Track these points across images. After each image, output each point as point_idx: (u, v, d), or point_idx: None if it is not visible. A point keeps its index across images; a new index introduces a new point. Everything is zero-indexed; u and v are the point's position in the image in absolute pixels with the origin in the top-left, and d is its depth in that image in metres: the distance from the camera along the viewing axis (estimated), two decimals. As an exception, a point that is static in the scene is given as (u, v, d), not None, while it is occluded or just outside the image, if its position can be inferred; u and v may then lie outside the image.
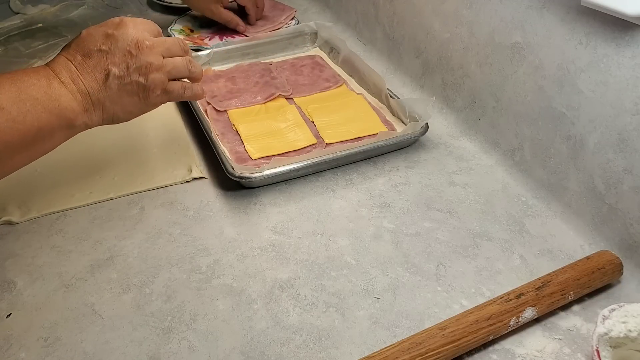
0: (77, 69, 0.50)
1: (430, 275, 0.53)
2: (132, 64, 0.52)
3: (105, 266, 0.54)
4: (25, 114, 0.45)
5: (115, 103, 0.52)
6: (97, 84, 0.51)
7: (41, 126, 0.46)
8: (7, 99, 0.44)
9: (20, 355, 0.46)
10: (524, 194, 0.62)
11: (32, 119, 0.45)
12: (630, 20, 0.49)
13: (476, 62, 0.69)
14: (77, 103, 0.49)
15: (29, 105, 0.45)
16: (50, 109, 0.47)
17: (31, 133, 0.45)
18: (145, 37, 0.53)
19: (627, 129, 0.51)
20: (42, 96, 0.46)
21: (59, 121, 0.48)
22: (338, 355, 0.46)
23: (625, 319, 0.41)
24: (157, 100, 0.55)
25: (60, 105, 0.48)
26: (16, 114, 0.44)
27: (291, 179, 0.65)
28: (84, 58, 0.51)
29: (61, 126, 0.48)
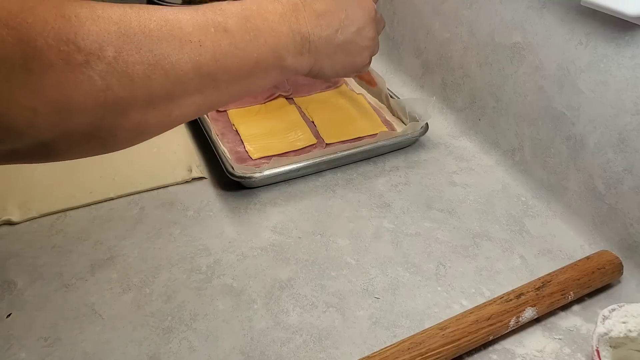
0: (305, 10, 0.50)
1: (430, 275, 0.53)
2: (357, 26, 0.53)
3: (105, 266, 0.54)
4: (247, 42, 0.44)
5: (328, 56, 0.52)
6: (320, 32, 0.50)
7: (259, 59, 0.45)
8: (233, 24, 0.43)
9: (20, 355, 0.46)
10: (524, 194, 0.62)
11: (252, 49, 0.44)
12: (630, 20, 0.49)
13: (476, 62, 0.69)
14: (294, 45, 0.48)
15: (252, 35, 0.44)
16: (270, 45, 0.46)
17: (249, 63, 0.44)
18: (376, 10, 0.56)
19: (627, 129, 0.51)
20: (266, 29, 0.46)
21: (275, 59, 0.47)
22: (338, 355, 0.46)
23: (625, 319, 0.41)
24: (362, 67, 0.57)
25: (279, 43, 0.47)
26: (239, 41, 0.43)
27: (291, 179, 0.65)
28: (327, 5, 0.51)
29: (275, 65, 0.47)
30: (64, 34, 0.33)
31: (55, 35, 0.32)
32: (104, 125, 0.36)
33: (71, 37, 0.33)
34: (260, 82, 0.47)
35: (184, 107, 0.41)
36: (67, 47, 0.33)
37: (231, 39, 0.42)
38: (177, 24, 0.39)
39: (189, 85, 0.40)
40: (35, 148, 0.35)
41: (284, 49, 0.47)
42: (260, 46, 0.45)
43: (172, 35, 0.38)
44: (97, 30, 0.34)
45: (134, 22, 0.36)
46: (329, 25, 0.51)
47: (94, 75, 0.34)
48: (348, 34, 0.52)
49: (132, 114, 0.37)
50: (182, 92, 0.40)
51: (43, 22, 0.32)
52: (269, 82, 0.49)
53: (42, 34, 0.32)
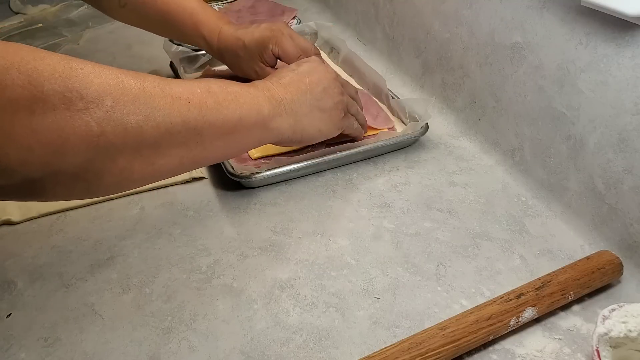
0: (273, 84, 0.56)
1: (430, 275, 0.53)
2: (323, 86, 0.59)
3: (105, 266, 0.54)
4: (230, 102, 0.48)
5: (305, 116, 0.57)
6: (291, 97, 0.56)
7: (242, 117, 0.49)
8: (216, 87, 0.48)
9: (20, 355, 0.46)
10: (524, 194, 0.62)
11: (235, 107, 0.49)
12: (630, 20, 0.49)
13: (476, 62, 0.69)
14: (270, 106, 0.53)
15: (233, 96, 0.49)
16: (249, 104, 0.50)
17: (233, 120, 0.48)
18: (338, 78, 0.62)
19: (627, 129, 0.51)
20: (243, 92, 0.51)
21: (256, 117, 0.51)
22: (338, 355, 0.46)
23: (625, 319, 0.41)
24: (340, 122, 0.62)
25: (258, 103, 0.52)
26: (222, 100, 0.48)
27: (291, 179, 0.65)
28: (278, 76, 0.57)
29: (258, 123, 0.51)
30: (70, 82, 0.36)
31: (62, 82, 0.36)
32: (92, 168, 0.39)
33: (76, 85, 0.37)
34: (244, 140, 0.51)
35: (168, 158, 0.44)
36: (71, 94, 0.36)
37: (215, 98, 0.47)
38: (168, 85, 0.44)
39: (176, 137, 0.43)
40: (22, 185, 0.37)
41: (263, 108, 0.52)
42: (241, 105, 0.49)
43: (164, 92, 0.43)
44: (99, 82, 0.38)
45: (131, 79, 0.41)
46: (297, 90, 0.57)
47: (91, 121, 0.37)
48: (316, 93, 0.58)
49: (119, 160, 0.40)
50: (168, 144, 0.43)
51: (52, 71, 0.36)
52: (253, 141, 0.53)
53: (50, 81, 0.36)
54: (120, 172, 0.41)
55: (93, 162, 0.39)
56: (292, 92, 0.56)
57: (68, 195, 0.41)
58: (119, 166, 0.40)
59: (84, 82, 0.37)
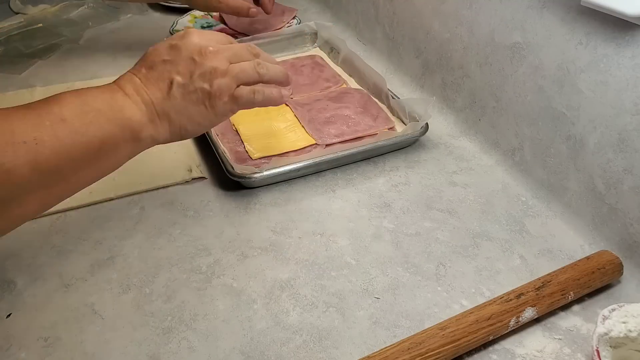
0: (141, 81, 0.49)
1: (430, 275, 0.53)
2: (196, 71, 0.50)
3: (105, 266, 0.54)
4: (88, 125, 0.43)
5: (181, 114, 0.50)
6: (161, 94, 0.49)
7: (104, 138, 0.44)
8: (70, 111, 0.43)
9: (20, 355, 0.46)
10: (524, 194, 0.62)
11: (95, 130, 0.43)
12: (630, 20, 0.49)
13: (476, 62, 0.69)
14: (141, 114, 0.48)
15: (92, 117, 0.44)
16: (113, 120, 0.45)
17: (94, 145, 0.44)
18: (210, 44, 0.51)
19: (627, 129, 0.51)
20: (105, 107, 0.45)
21: (123, 132, 0.46)
22: (338, 355, 0.46)
23: (625, 319, 0.41)
24: (224, 108, 0.52)
25: (123, 116, 0.46)
26: (79, 126, 0.42)
27: (291, 179, 0.65)
28: (148, 70, 0.50)
29: (125, 138, 0.47)
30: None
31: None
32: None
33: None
34: (113, 160, 0.47)
35: (26, 206, 0.40)
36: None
37: (70, 127, 0.42)
38: (8, 129, 0.38)
39: (30, 185, 0.39)
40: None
41: (131, 121, 0.47)
42: (102, 125, 0.44)
43: (3, 142, 0.38)
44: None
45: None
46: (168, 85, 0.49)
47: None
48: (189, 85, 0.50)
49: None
50: (22, 194, 0.39)
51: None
52: (125, 157, 0.48)
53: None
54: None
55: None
56: (162, 90, 0.49)
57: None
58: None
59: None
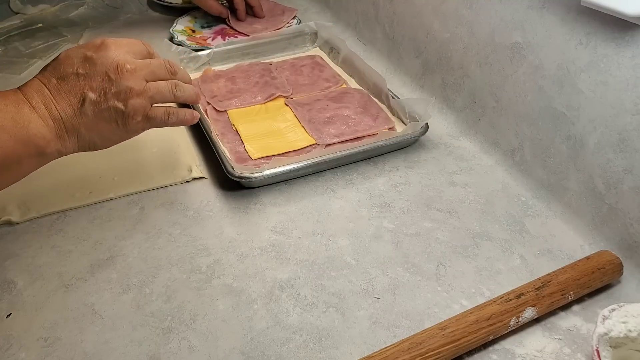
0: (51, 93, 0.47)
1: (430, 275, 0.53)
2: (111, 89, 0.48)
3: (105, 266, 0.54)
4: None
5: (91, 130, 0.49)
6: (72, 110, 0.48)
7: (6, 154, 0.44)
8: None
9: (20, 355, 0.46)
10: (524, 194, 0.62)
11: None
12: (630, 20, 0.49)
13: (476, 62, 0.69)
14: (48, 130, 0.46)
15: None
16: (16, 137, 0.44)
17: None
18: (127, 60, 0.49)
19: (627, 129, 0.51)
20: (8, 123, 0.44)
21: (26, 149, 0.45)
22: (338, 355, 0.46)
23: (625, 319, 0.41)
24: (137, 127, 0.52)
25: (28, 133, 0.45)
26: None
27: (291, 179, 0.65)
28: (59, 81, 0.48)
29: (30, 154, 0.46)
30: None
31: None
32: None
33: None
34: (16, 173, 0.46)
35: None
36: None
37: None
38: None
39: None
40: None
41: (36, 137, 0.46)
42: (5, 142, 0.43)
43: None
44: None
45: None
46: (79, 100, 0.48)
47: None
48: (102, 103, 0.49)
49: None
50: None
51: None
52: (29, 170, 0.47)
53: None
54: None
55: None
56: (73, 105, 0.48)
57: None
58: None
59: None
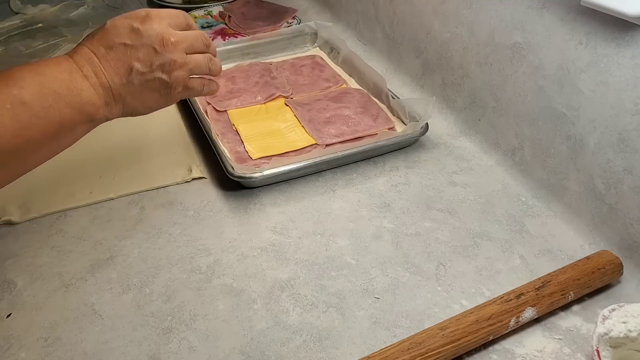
0: (100, 62, 0.49)
1: (430, 275, 0.53)
2: (156, 61, 0.51)
3: (105, 266, 0.54)
4: (47, 109, 0.44)
5: (136, 98, 0.52)
6: (120, 79, 0.50)
7: (63, 121, 0.45)
8: (30, 94, 0.43)
9: (20, 355, 0.46)
10: (524, 194, 0.62)
11: (54, 114, 0.44)
12: (630, 20, 0.49)
13: (476, 62, 0.69)
14: (98, 97, 0.48)
15: (51, 100, 0.44)
16: (72, 104, 0.46)
17: (53, 128, 0.45)
18: (171, 33, 0.52)
19: (627, 129, 0.51)
20: (64, 91, 0.45)
21: (80, 116, 0.47)
22: (338, 355, 0.46)
23: (625, 319, 0.41)
24: (177, 96, 0.55)
25: (81, 100, 0.47)
26: (38, 109, 0.43)
27: (291, 179, 0.65)
28: (107, 50, 0.50)
29: (82, 120, 0.47)
30: None
31: None
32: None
33: None
34: (70, 139, 0.48)
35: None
36: None
37: (30, 111, 0.43)
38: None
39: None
40: None
41: (88, 105, 0.47)
42: (61, 109, 0.45)
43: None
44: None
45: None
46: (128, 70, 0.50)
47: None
48: (148, 74, 0.51)
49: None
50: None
51: None
52: (80, 136, 0.49)
53: None
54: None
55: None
56: (122, 74, 0.50)
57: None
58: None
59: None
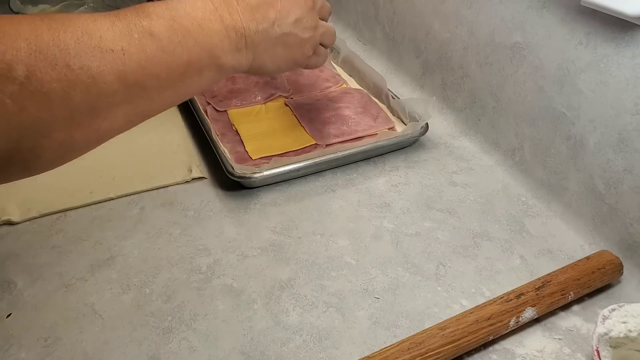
0: (239, 5, 0.47)
1: (430, 275, 0.53)
2: (295, 17, 0.51)
3: (105, 266, 0.54)
4: (176, 45, 0.41)
5: (267, 51, 0.50)
6: (256, 26, 0.48)
7: (191, 61, 0.43)
8: (159, 27, 0.40)
9: (20, 355, 0.46)
10: (524, 194, 0.62)
11: (182, 52, 0.42)
12: (630, 20, 0.49)
13: (476, 62, 0.69)
14: (229, 41, 0.46)
15: (180, 36, 0.41)
16: (201, 44, 0.43)
17: (180, 67, 0.42)
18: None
19: (627, 129, 0.51)
20: (195, 29, 0.43)
21: (209, 58, 0.44)
22: (338, 355, 0.46)
23: (625, 319, 0.41)
24: (304, 58, 0.54)
25: (211, 41, 0.44)
26: (167, 43, 0.40)
27: (291, 179, 0.65)
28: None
29: (210, 64, 0.45)
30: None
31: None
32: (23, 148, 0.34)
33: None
34: (196, 84, 0.45)
35: (112, 120, 0.39)
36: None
37: (157, 43, 0.40)
38: (97, 33, 0.36)
39: (115, 97, 0.37)
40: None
41: (217, 48, 0.45)
42: (190, 47, 0.42)
43: (91, 46, 0.36)
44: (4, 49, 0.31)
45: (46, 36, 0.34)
46: (265, 18, 0.48)
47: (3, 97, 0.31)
48: (285, 26, 0.50)
49: (54, 134, 0.35)
50: (108, 105, 0.37)
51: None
52: (206, 83, 0.46)
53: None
54: (60, 146, 0.36)
55: (22, 143, 0.33)
56: (259, 20, 0.48)
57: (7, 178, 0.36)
58: (56, 140, 0.35)
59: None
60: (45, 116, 0.34)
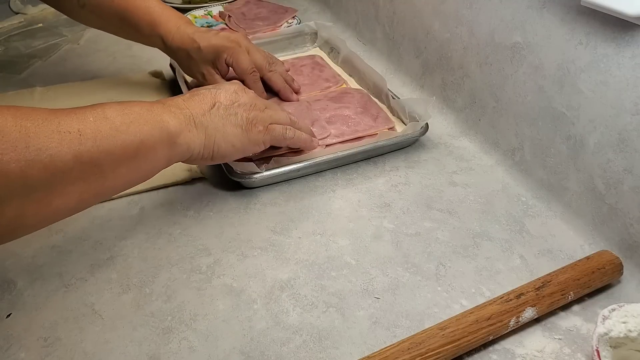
0: (183, 100, 0.54)
1: (430, 275, 0.53)
2: (238, 100, 0.57)
3: (105, 266, 0.54)
4: (129, 124, 0.45)
5: (217, 130, 0.54)
6: (202, 110, 0.54)
7: (143, 137, 0.46)
8: (112, 112, 0.45)
9: (20, 355, 0.46)
10: (524, 194, 0.62)
11: (135, 130, 0.46)
12: (630, 20, 0.49)
13: (476, 62, 0.69)
14: (178, 121, 0.51)
15: (132, 117, 0.46)
16: (152, 122, 0.48)
17: (134, 144, 0.45)
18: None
19: (627, 129, 0.51)
20: (144, 112, 0.48)
21: (160, 134, 0.48)
22: (338, 355, 0.46)
23: (625, 319, 0.41)
24: (258, 136, 0.58)
25: (162, 119, 0.49)
26: (119, 124, 0.45)
27: (291, 179, 0.65)
28: (191, 95, 0.55)
29: (162, 140, 0.49)
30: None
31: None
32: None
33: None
34: (150, 162, 0.48)
35: (66, 197, 0.41)
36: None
37: (111, 124, 0.44)
38: (56, 119, 0.40)
39: (70, 174, 0.40)
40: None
41: (169, 125, 0.49)
42: (142, 126, 0.46)
43: (50, 129, 0.39)
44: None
45: (9, 121, 0.37)
46: (209, 104, 0.55)
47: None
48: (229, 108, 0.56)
49: (7, 209, 0.37)
50: (62, 182, 0.40)
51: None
52: (161, 161, 0.50)
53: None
54: (12, 221, 0.38)
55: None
56: (204, 107, 0.54)
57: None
58: (7, 215, 0.37)
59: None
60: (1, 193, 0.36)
